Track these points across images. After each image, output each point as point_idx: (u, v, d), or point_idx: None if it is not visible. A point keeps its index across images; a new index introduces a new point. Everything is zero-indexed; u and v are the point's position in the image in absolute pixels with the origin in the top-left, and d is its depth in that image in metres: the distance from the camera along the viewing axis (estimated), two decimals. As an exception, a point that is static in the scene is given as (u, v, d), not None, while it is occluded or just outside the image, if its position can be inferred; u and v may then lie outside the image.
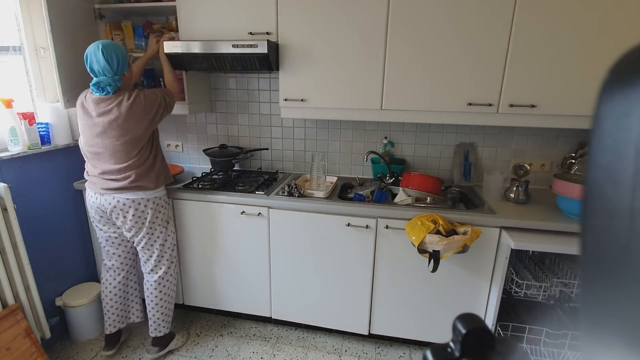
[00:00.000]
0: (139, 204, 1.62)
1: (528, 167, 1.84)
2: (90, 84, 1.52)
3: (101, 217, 1.67)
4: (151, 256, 1.74)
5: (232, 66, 1.82)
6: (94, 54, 1.46)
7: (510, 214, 1.61)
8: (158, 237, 1.72)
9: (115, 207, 1.60)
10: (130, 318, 1.92)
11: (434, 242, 1.47)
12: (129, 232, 1.67)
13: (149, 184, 1.62)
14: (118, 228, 1.71)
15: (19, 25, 1.78)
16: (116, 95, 1.52)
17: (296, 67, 1.80)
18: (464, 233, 1.51)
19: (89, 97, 1.55)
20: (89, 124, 1.54)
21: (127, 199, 1.59)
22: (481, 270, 1.65)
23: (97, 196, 1.62)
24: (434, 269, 1.53)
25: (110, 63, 1.47)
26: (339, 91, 1.79)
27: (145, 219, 1.65)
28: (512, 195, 1.77)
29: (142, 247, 1.72)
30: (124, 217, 1.62)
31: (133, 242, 1.73)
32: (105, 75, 1.48)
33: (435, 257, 1.50)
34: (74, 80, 1.82)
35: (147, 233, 1.68)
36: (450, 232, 1.53)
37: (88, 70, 1.49)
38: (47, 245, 1.88)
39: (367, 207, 1.70)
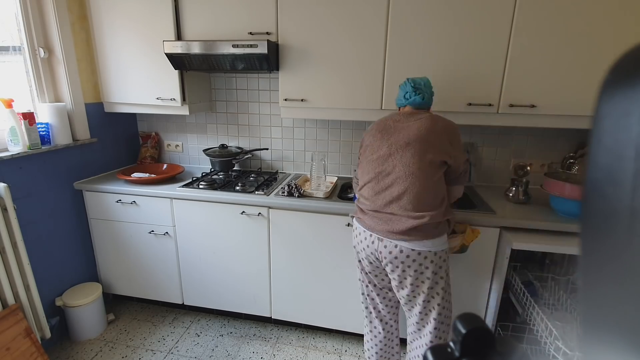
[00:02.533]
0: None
1: (528, 167, 1.84)
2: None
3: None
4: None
5: (232, 66, 1.82)
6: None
7: (510, 214, 1.61)
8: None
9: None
10: None
11: None
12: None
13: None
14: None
15: (19, 25, 1.78)
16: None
17: (296, 67, 1.80)
18: (462, 232, 1.51)
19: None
20: None
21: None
22: (481, 271, 1.65)
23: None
24: None
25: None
26: (339, 91, 1.79)
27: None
28: (512, 195, 1.77)
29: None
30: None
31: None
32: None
33: None
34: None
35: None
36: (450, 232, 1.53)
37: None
38: (47, 245, 1.88)
39: (367, 207, 1.69)
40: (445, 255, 1.31)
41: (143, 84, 2.00)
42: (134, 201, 1.95)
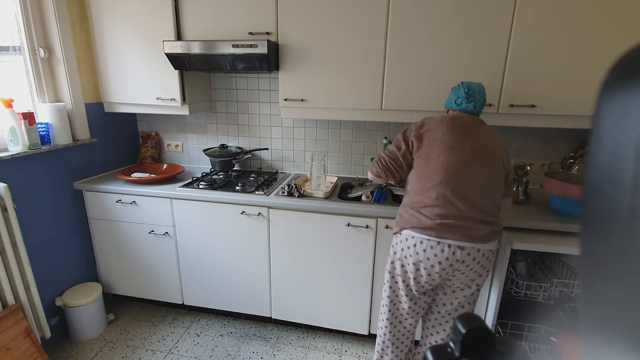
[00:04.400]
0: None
1: (528, 167, 1.84)
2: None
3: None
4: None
5: (232, 66, 1.82)
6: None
7: (511, 214, 1.61)
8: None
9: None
10: None
11: None
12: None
13: None
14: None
15: (19, 25, 1.78)
16: None
17: (296, 67, 1.80)
18: None
19: None
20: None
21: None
22: (481, 270, 1.65)
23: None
24: None
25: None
26: (339, 91, 1.79)
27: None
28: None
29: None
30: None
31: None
32: None
33: None
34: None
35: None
36: None
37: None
38: (47, 245, 1.88)
39: (367, 207, 1.70)
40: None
41: (143, 84, 2.00)
42: (134, 201, 1.95)
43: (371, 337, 1.98)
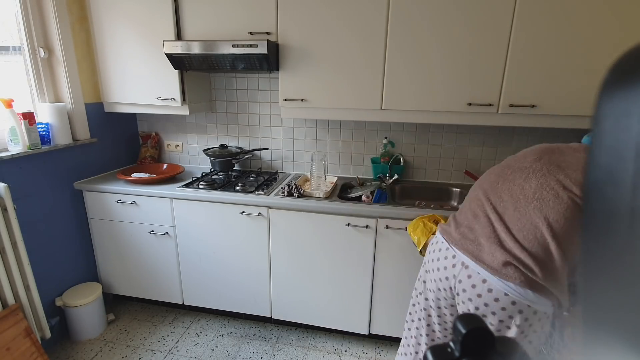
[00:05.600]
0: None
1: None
2: None
3: None
4: None
5: (232, 66, 1.82)
6: None
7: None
8: None
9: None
10: None
11: None
12: None
13: None
14: None
15: (19, 25, 1.78)
16: None
17: (296, 67, 1.80)
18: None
19: None
20: None
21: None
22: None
23: None
24: None
25: None
26: (339, 91, 1.79)
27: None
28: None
29: None
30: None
31: None
32: None
33: None
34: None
35: None
36: None
37: None
38: (47, 245, 1.88)
39: (367, 207, 1.70)
40: None
41: (143, 84, 2.00)
42: (134, 201, 1.95)
43: (371, 337, 1.98)
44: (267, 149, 2.33)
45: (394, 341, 1.97)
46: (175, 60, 1.83)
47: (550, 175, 1.00)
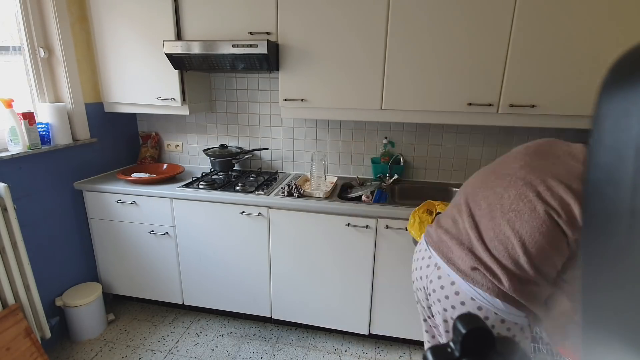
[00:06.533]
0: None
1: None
2: None
3: None
4: None
5: (232, 66, 1.82)
6: None
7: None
8: None
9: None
10: None
11: None
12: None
13: None
14: None
15: (19, 25, 1.78)
16: None
17: (296, 67, 1.80)
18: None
19: None
20: None
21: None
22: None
23: None
24: None
25: None
26: (339, 91, 1.79)
27: None
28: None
29: None
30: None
31: None
32: None
33: None
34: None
35: None
36: None
37: None
38: (47, 245, 1.88)
39: (367, 207, 1.70)
40: None
41: (143, 84, 2.00)
42: (134, 201, 1.95)
43: (371, 337, 1.98)
44: (267, 149, 2.33)
45: (394, 341, 1.97)
46: (175, 60, 1.83)
47: (531, 187, 0.97)
